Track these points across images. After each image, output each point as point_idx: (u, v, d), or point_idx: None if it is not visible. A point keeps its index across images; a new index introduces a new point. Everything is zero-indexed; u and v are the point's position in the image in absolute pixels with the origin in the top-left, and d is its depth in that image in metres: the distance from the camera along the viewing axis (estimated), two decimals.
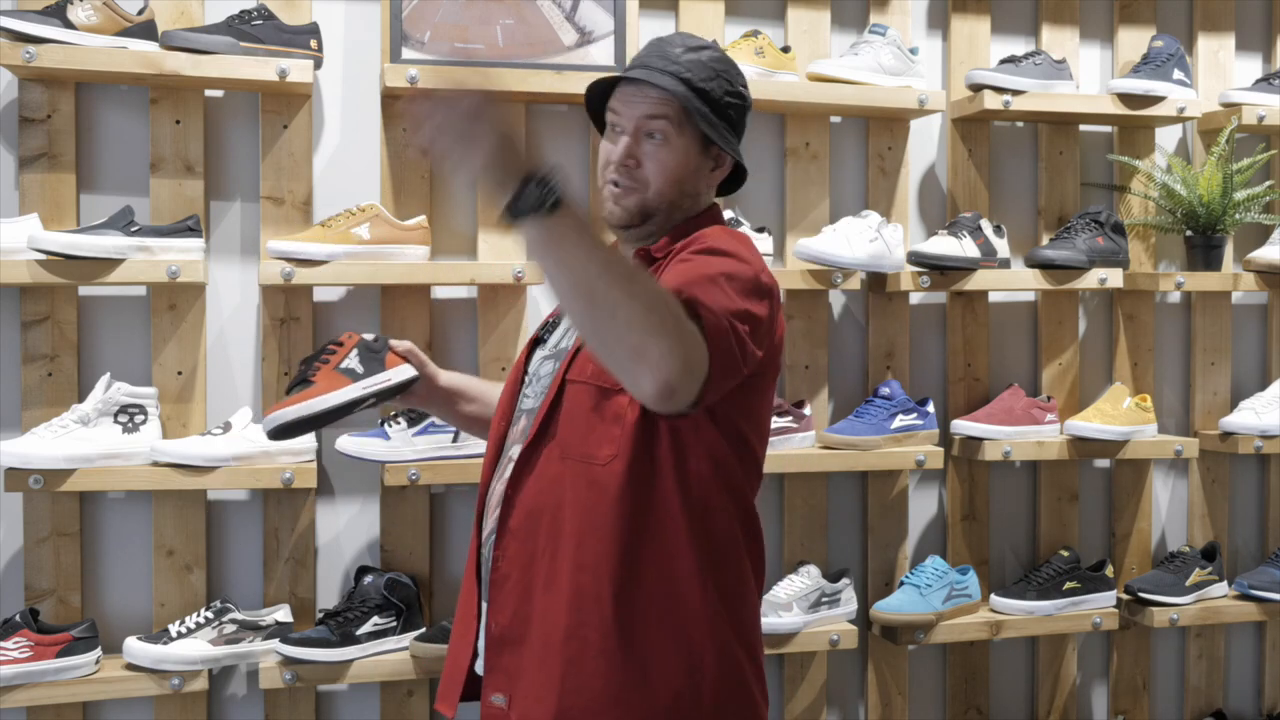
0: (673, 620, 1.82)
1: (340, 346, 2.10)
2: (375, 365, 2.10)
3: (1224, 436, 3.30)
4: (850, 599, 3.01)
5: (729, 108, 1.95)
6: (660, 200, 1.93)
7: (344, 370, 2.07)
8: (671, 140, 1.91)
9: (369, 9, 2.87)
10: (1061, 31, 3.30)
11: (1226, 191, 3.20)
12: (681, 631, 1.82)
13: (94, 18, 2.56)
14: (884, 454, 2.96)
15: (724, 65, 1.96)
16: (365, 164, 2.86)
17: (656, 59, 1.93)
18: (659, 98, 1.90)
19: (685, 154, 1.92)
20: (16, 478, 2.49)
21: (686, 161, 1.93)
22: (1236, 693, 3.52)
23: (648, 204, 1.93)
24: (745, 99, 1.99)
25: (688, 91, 1.90)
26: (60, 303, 2.67)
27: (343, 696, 2.86)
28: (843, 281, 2.94)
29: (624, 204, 1.93)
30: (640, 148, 1.92)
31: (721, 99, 1.93)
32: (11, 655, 2.47)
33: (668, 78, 1.90)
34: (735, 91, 1.96)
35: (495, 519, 1.93)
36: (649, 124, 1.91)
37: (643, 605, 1.81)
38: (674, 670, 1.81)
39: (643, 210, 1.93)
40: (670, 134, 1.91)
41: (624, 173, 1.92)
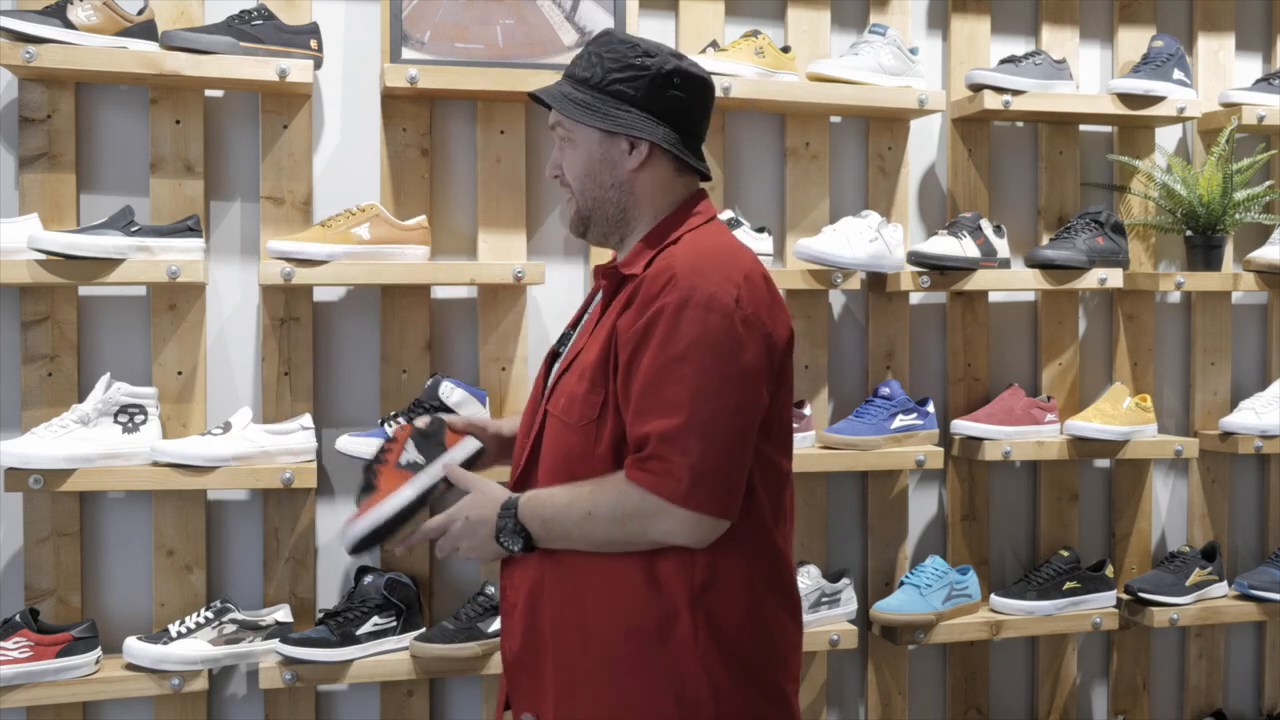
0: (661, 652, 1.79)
1: (394, 442, 2.00)
2: (436, 449, 2.01)
3: (1224, 436, 3.29)
4: (850, 599, 3.01)
5: (623, 87, 1.87)
6: (585, 200, 1.93)
7: (405, 465, 1.98)
8: (573, 139, 1.92)
9: (369, 9, 2.87)
10: (1061, 31, 3.30)
11: (1226, 191, 3.20)
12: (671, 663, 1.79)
13: (94, 18, 2.56)
14: (884, 454, 2.96)
15: (607, 48, 1.90)
16: (365, 164, 2.86)
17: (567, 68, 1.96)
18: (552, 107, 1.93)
19: (586, 149, 1.91)
20: (16, 478, 2.49)
21: (589, 156, 1.91)
22: (1236, 693, 3.52)
23: (580, 209, 1.94)
24: (641, 68, 1.88)
25: (561, 90, 1.91)
26: (60, 303, 2.67)
27: (343, 696, 2.86)
28: (843, 281, 2.94)
29: (570, 216, 1.97)
30: (560, 156, 1.95)
31: (604, 80, 1.88)
32: (11, 655, 2.47)
33: (552, 85, 1.94)
34: (622, 66, 1.88)
35: None
36: (555, 133, 1.95)
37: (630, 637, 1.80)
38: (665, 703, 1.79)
39: (580, 217, 1.95)
40: (570, 134, 1.92)
41: (558, 184, 1.97)
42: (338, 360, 2.84)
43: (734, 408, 1.75)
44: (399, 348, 2.84)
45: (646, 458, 1.74)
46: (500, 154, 2.89)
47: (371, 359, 2.85)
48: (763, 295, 1.81)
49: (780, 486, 1.88)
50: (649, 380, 1.75)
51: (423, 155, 2.86)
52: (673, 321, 1.75)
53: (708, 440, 1.72)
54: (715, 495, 1.74)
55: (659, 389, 1.74)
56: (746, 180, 3.10)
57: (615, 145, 1.90)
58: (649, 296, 1.78)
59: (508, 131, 2.89)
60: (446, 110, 2.90)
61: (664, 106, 1.89)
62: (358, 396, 2.85)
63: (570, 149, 1.92)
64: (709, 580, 1.79)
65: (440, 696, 2.91)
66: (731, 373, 1.75)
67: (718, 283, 1.77)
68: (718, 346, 1.74)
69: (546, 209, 2.97)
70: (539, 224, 2.96)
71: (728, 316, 1.75)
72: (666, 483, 1.72)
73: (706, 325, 1.74)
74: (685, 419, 1.72)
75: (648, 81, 1.88)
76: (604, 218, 1.93)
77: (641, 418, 1.75)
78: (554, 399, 1.88)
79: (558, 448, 1.86)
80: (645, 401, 1.74)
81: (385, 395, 2.83)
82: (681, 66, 1.90)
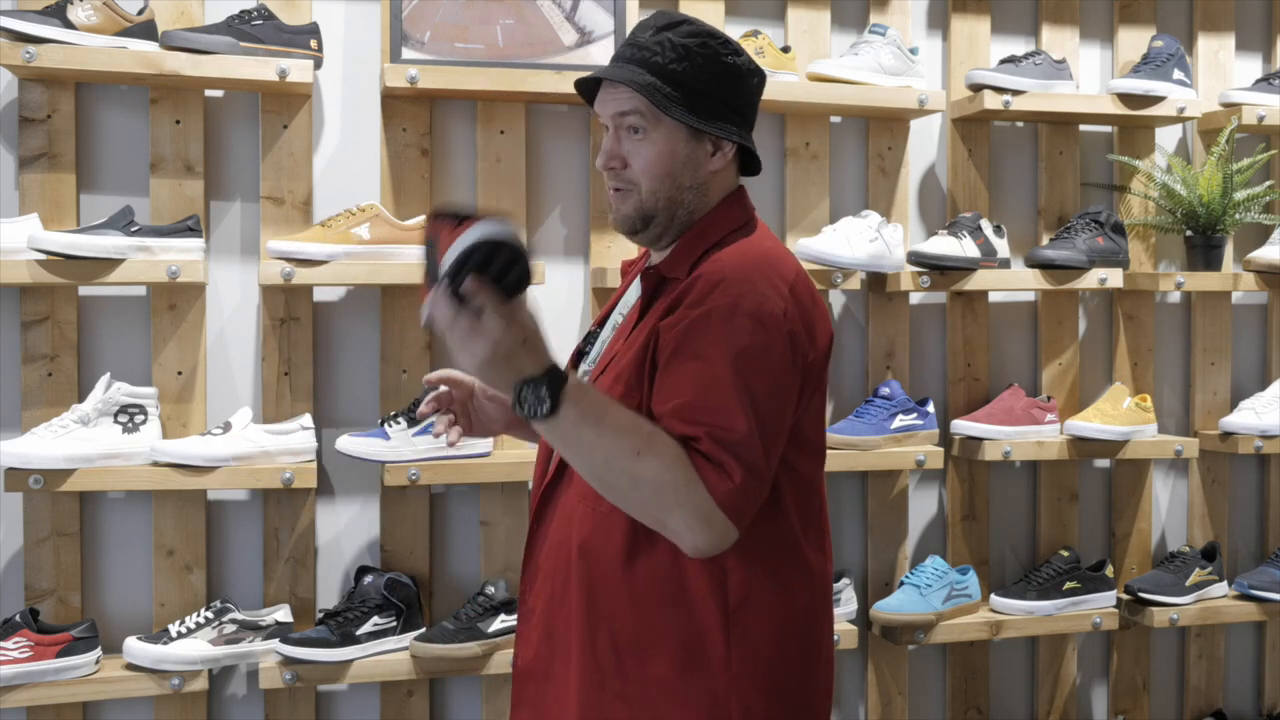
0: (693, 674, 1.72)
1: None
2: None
3: (1224, 436, 3.29)
4: (850, 599, 3.01)
5: (712, 83, 1.77)
6: (655, 199, 1.79)
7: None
8: (650, 133, 1.77)
9: (369, 9, 2.87)
10: (1061, 31, 3.30)
11: (1226, 191, 3.20)
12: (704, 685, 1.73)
13: (94, 18, 2.56)
14: (884, 454, 2.96)
15: (697, 39, 1.77)
16: (365, 164, 2.86)
17: (627, 48, 1.80)
18: (626, 92, 1.77)
19: (669, 145, 1.78)
20: (16, 478, 2.49)
21: (673, 153, 1.78)
22: (1236, 693, 3.52)
23: (644, 206, 1.80)
24: (734, 67, 1.79)
25: (652, 79, 1.75)
26: (60, 303, 2.67)
27: (343, 696, 2.86)
28: (843, 281, 2.94)
29: (623, 211, 1.82)
30: (623, 146, 1.80)
31: (697, 77, 1.76)
32: (11, 655, 2.47)
33: (631, 68, 1.77)
34: (717, 64, 1.78)
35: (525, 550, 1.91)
36: (624, 120, 1.79)
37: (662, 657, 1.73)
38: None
39: (641, 214, 1.81)
40: (647, 127, 1.77)
41: (613, 175, 1.81)
42: (338, 360, 2.84)
43: (778, 429, 1.70)
44: (399, 348, 2.84)
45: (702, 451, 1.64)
46: (500, 154, 2.89)
47: (371, 359, 2.85)
48: (806, 307, 1.75)
49: (810, 498, 1.81)
50: (699, 380, 1.66)
51: (423, 155, 2.86)
52: (724, 327, 1.67)
53: (754, 454, 1.66)
54: (748, 509, 1.67)
55: (711, 392, 1.65)
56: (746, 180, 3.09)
57: (701, 145, 1.79)
58: (697, 299, 1.70)
59: (508, 131, 2.89)
60: (446, 110, 2.90)
61: (746, 105, 1.82)
62: (358, 396, 2.85)
63: (645, 144, 1.77)
64: (743, 599, 1.74)
65: (440, 696, 2.91)
66: (774, 387, 1.69)
67: (765, 293, 1.70)
68: (764, 359, 1.68)
69: (546, 209, 2.97)
70: (539, 224, 2.96)
71: (780, 332, 1.69)
72: (723, 483, 1.63)
73: (757, 338, 1.68)
74: (736, 431, 1.64)
75: (736, 79, 1.79)
76: (670, 218, 1.81)
77: (681, 417, 1.65)
78: None
79: None
80: (688, 405, 1.65)
81: (385, 395, 2.83)
82: (757, 65, 1.83)
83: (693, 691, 1.72)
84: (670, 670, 1.73)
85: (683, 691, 1.73)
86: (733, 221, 1.84)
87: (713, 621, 1.73)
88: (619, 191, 1.82)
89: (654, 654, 1.73)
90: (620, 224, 1.84)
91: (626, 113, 1.78)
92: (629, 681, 1.74)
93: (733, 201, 1.87)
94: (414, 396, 2.79)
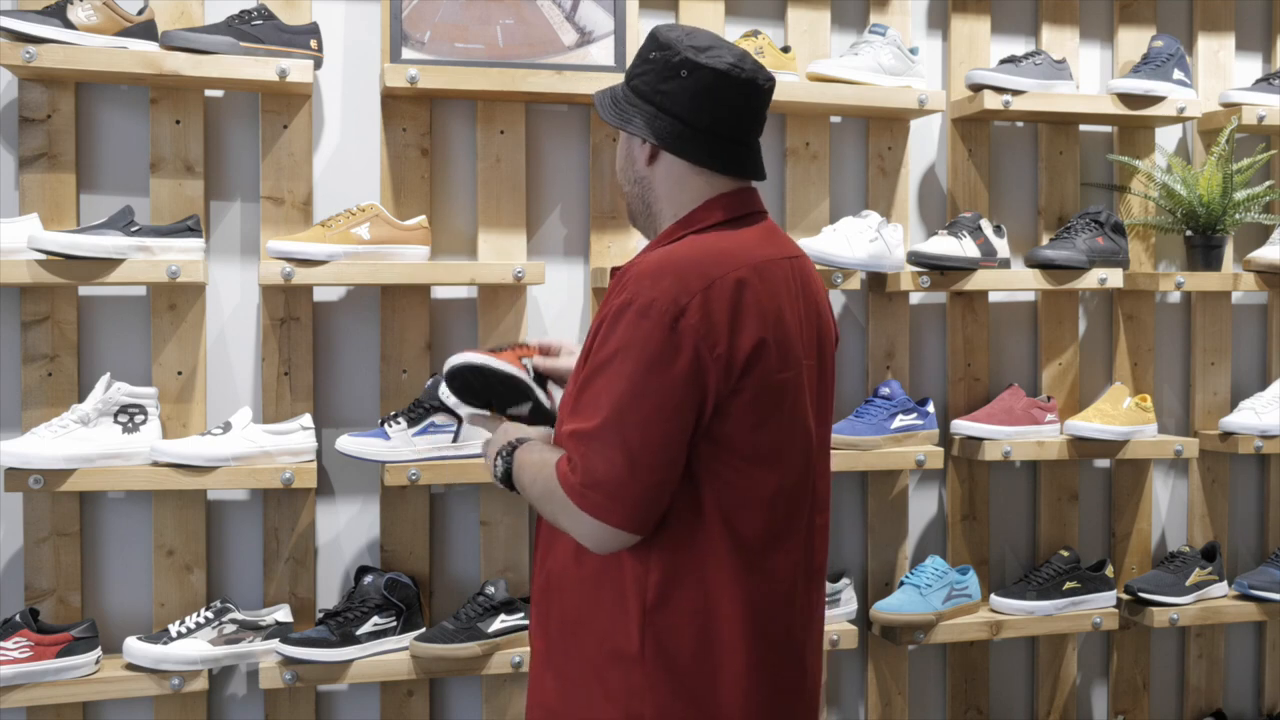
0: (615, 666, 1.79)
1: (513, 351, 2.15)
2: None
3: (1224, 436, 3.29)
4: (850, 599, 3.01)
5: (635, 79, 1.86)
6: (625, 195, 1.96)
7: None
8: (619, 140, 1.95)
9: (369, 9, 2.87)
10: (1061, 31, 3.30)
11: (1226, 191, 3.20)
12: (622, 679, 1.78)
13: (94, 18, 2.56)
14: (884, 454, 2.96)
15: (646, 45, 1.86)
16: (365, 164, 2.86)
17: None
18: None
19: (622, 144, 1.94)
20: (16, 478, 2.49)
21: (622, 151, 1.94)
22: (1236, 693, 3.52)
23: (626, 203, 1.97)
24: (650, 62, 1.84)
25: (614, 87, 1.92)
26: (60, 303, 2.67)
27: (343, 696, 2.86)
28: (843, 281, 2.94)
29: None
30: None
31: (629, 76, 1.89)
32: (11, 655, 2.47)
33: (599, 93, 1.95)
34: (639, 61, 1.86)
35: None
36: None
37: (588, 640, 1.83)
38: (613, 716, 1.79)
39: (628, 211, 1.97)
40: (620, 136, 1.95)
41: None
42: (338, 360, 2.84)
43: (650, 419, 1.70)
44: (399, 348, 2.84)
45: (564, 457, 1.77)
46: (500, 154, 2.89)
47: (371, 359, 2.85)
48: (722, 306, 1.72)
49: (751, 510, 1.79)
50: (581, 380, 1.77)
51: (423, 155, 2.86)
52: (611, 325, 1.73)
53: (612, 446, 1.70)
54: (610, 504, 1.71)
55: (584, 389, 1.75)
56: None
57: (634, 141, 1.90)
58: (607, 300, 1.78)
59: (508, 131, 2.89)
60: (446, 110, 2.90)
61: (667, 100, 1.82)
62: (358, 396, 2.85)
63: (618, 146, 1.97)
64: (659, 600, 1.76)
65: (440, 696, 2.91)
66: (654, 383, 1.70)
67: (667, 289, 1.71)
68: (645, 354, 1.70)
69: (546, 209, 2.97)
70: (539, 224, 2.96)
71: (662, 325, 1.69)
72: (568, 480, 1.74)
73: (638, 331, 1.70)
74: (597, 423, 1.71)
75: (654, 75, 1.83)
76: (634, 212, 1.95)
77: (567, 416, 1.79)
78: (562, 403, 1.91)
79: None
80: (574, 400, 1.77)
81: (385, 395, 2.83)
82: (691, 58, 1.79)
83: (614, 680, 1.79)
84: (598, 654, 1.80)
85: (607, 678, 1.79)
86: (699, 222, 1.85)
87: (633, 617, 1.78)
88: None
89: (587, 636, 1.81)
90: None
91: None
92: (568, 659, 1.84)
93: (713, 205, 1.86)
94: (414, 396, 2.79)
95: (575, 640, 1.83)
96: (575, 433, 1.74)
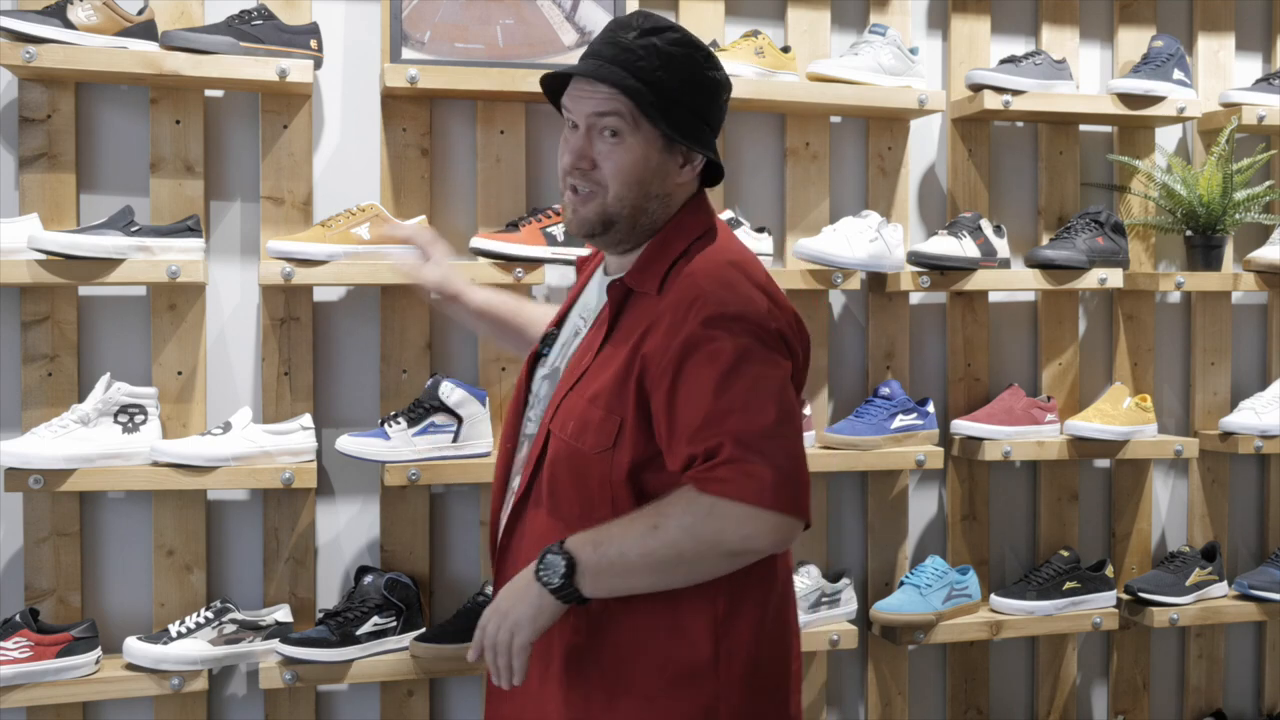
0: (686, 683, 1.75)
1: None
2: None
3: (1224, 436, 3.29)
4: (850, 599, 3.01)
5: (691, 96, 1.76)
6: (621, 205, 1.77)
7: None
8: (627, 138, 1.75)
9: (369, 9, 2.87)
10: (1061, 31, 3.30)
11: (1226, 191, 3.20)
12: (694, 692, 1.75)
13: (94, 18, 2.56)
14: (884, 454, 2.96)
15: (682, 49, 1.76)
16: (365, 164, 2.86)
17: (608, 47, 1.76)
18: (608, 93, 1.74)
19: (644, 152, 1.76)
20: (16, 478, 2.49)
21: (646, 161, 1.76)
22: (1236, 693, 3.52)
23: (608, 210, 1.78)
24: (713, 82, 1.79)
25: (639, 84, 1.72)
26: (60, 303, 2.67)
27: (343, 696, 2.86)
28: (843, 281, 2.94)
29: (583, 213, 1.79)
30: (594, 147, 1.77)
31: (679, 89, 1.75)
32: (11, 655, 2.47)
33: (616, 69, 1.73)
34: (698, 77, 1.77)
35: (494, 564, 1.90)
36: (601, 121, 1.75)
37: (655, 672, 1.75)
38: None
39: (603, 218, 1.78)
40: (625, 131, 1.75)
41: (579, 175, 1.78)
42: (338, 360, 2.84)
43: (789, 412, 1.70)
44: (399, 348, 2.84)
45: (716, 465, 1.65)
46: (500, 154, 2.89)
47: (371, 359, 2.85)
48: (785, 305, 1.78)
49: None
50: (704, 398, 1.67)
51: (423, 155, 2.86)
52: (714, 340, 1.68)
53: (781, 441, 1.66)
54: (796, 495, 1.67)
55: (718, 403, 1.66)
56: (746, 180, 3.10)
57: (673, 156, 1.78)
58: (677, 320, 1.70)
59: (508, 131, 2.89)
60: (446, 110, 2.90)
61: (717, 120, 1.82)
62: (358, 396, 2.85)
63: (621, 148, 1.75)
64: (731, 608, 1.75)
65: (440, 696, 2.91)
66: (779, 379, 1.70)
67: (747, 295, 1.72)
68: (762, 356, 1.69)
69: None
70: None
71: (764, 328, 1.70)
72: (749, 485, 1.64)
73: (749, 339, 1.69)
74: (772, 419, 1.66)
75: (713, 94, 1.79)
76: (632, 226, 1.79)
77: (703, 433, 1.66)
78: (559, 420, 1.78)
79: (569, 471, 1.77)
80: (706, 418, 1.66)
81: (385, 395, 2.83)
82: (728, 79, 1.83)
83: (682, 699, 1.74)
84: (659, 679, 1.74)
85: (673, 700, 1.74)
86: (697, 229, 1.82)
87: (702, 629, 1.74)
88: (581, 193, 1.79)
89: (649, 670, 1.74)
90: (579, 226, 1.81)
91: (606, 113, 1.75)
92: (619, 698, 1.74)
93: (695, 209, 1.84)
94: (414, 396, 2.78)
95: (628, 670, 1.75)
96: (737, 440, 1.64)
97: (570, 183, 1.80)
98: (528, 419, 1.92)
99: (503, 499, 1.92)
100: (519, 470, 1.88)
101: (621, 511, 1.72)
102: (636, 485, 1.74)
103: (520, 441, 1.92)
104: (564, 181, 1.81)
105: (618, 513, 1.72)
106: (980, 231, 3.05)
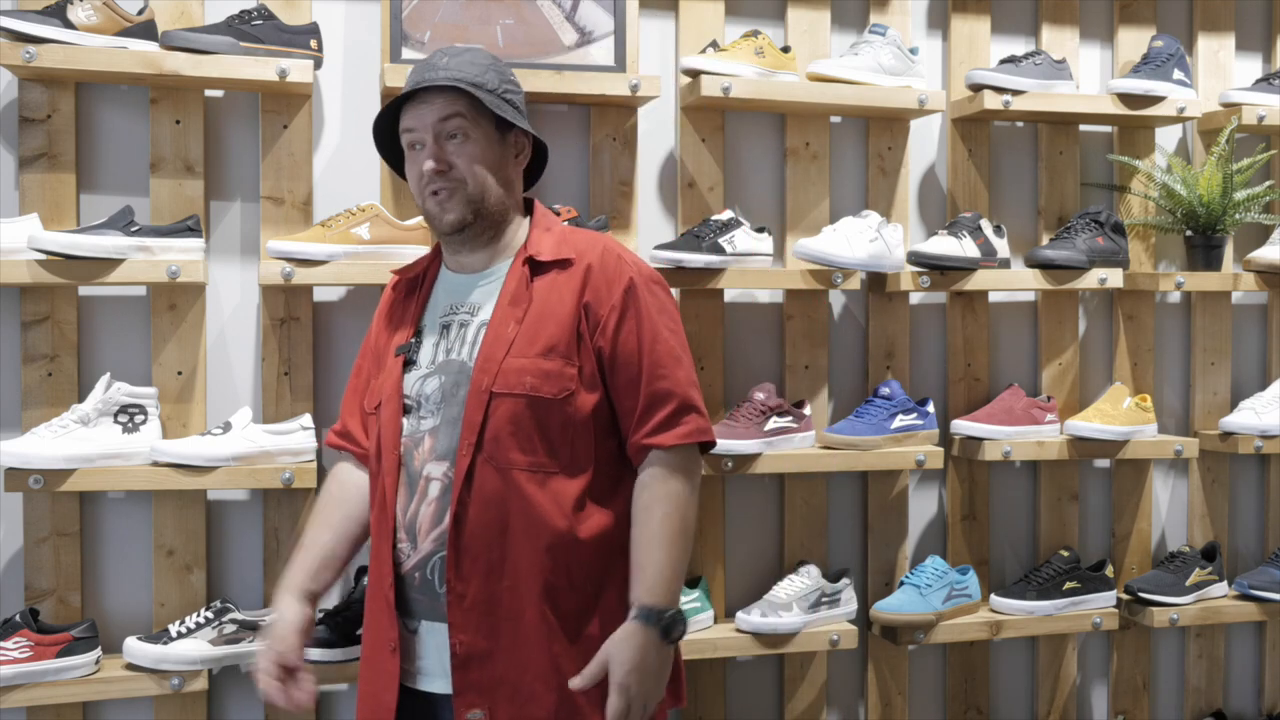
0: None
1: None
2: None
3: (1224, 436, 3.30)
4: (850, 599, 3.01)
5: (508, 94, 2.06)
6: (482, 192, 2.02)
7: None
8: (472, 133, 2.01)
9: (369, 9, 2.87)
10: (1061, 31, 3.30)
11: (1226, 191, 3.20)
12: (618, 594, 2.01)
13: (94, 18, 2.56)
14: (884, 454, 2.96)
15: (490, 59, 2.07)
16: (365, 164, 2.85)
17: (431, 71, 2.02)
18: (447, 98, 1.99)
19: (488, 143, 2.03)
20: (16, 478, 2.49)
21: (491, 150, 2.03)
22: (1236, 693, 3.52)
23: (472, 198, 2.01)
24: (519, 85, 2.12)
25: (470, 85, 2.00)
26: (60, 303, 2.67)
27: (343, 696, 2.86)
28: (843, 281, 2.94)
29: (451, 206, 2.02)
30: (445, 151, 2.01)
31: (499, 87, 2.04)
32: (11, 655, 2.47)
33: (445, 77, 2.00)
34: (509, 79, 2.09)
35: (433, 541, 1.97)
36: (445, 126, 2.00)
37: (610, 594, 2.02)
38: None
39: (471, 206, 2.01)
40: (468, 128, 2.00)
41: (440, 178, 2.01)
42: (338, 360, 2.84)
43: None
44: None
45: (676, 412, 2.01)
46: None
47: None
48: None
49: None
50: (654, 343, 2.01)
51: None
52: (645, 295, 2.03)
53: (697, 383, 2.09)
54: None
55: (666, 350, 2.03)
56: (746, 180, 3.10)
57: (508, 144, 2.07)
58: (609, 278, 2.02)
59: None
60: None
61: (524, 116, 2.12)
62: None
63: (469, 144, 2.01)
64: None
65: None
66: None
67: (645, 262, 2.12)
68: (676, 312, 2.10)
69: None
70: None
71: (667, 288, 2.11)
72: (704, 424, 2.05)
73: (666, 297, 2.09)
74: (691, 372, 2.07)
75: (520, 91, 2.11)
76: (492, 212, 2.04)
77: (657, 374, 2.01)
78: (507, 381, 1.97)
79: (531, 422, 1.96)
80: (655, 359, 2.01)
81: None
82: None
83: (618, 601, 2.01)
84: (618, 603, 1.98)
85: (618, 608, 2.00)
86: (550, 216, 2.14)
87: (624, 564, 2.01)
88: (444, 192, 2.02)
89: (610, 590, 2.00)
90: (453, 223, 2.03)
91: (449, 116, 2.00)
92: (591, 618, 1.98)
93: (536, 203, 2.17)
94: None
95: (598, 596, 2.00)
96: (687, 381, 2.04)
97: (430, 190, 2.02)
98: (420, 418, 2.03)
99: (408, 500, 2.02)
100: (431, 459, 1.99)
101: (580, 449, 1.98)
102: (599, 423, 2.01)
103: (417, 439, 2.02)
104: (423, 194, 2.04)
105: (576, 451, 1.98)
106: (980, 231, 3.05)
